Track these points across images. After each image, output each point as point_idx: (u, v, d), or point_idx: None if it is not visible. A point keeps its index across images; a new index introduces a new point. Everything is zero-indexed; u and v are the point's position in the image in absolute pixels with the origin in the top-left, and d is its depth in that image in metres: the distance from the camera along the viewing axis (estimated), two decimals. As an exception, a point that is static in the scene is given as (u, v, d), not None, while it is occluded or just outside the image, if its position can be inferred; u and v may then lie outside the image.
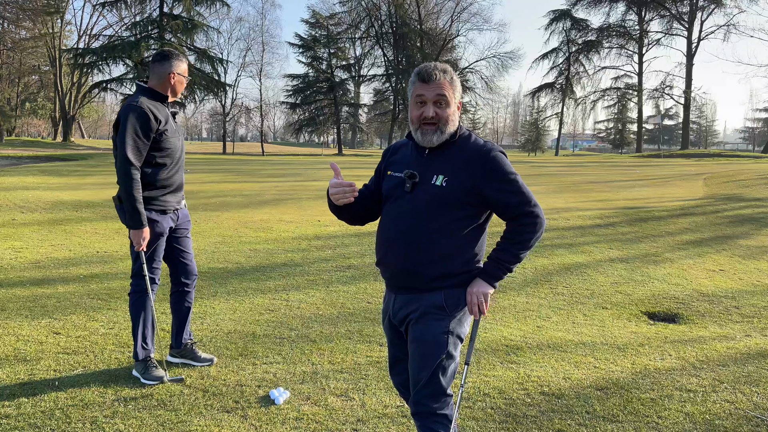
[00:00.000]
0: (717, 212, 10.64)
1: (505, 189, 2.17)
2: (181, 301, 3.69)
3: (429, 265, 2.18)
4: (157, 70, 3.44)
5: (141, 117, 3.28)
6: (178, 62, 3.46)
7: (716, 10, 50.87)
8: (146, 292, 3.49)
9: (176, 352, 3.76)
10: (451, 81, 2.18)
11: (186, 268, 3.68)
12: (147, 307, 3.51)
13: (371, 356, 3.98)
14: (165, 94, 3.47)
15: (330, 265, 6.69)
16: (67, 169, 18.36)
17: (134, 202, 3.27)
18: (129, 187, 3.25)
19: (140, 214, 3.29)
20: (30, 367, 3.65)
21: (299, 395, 3.36)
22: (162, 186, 3.44)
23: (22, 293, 5.29)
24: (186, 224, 3.68)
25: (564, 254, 7.42)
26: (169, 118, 3.46)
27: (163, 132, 3.38)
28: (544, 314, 5.15)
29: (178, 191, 3.56)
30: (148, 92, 3.44)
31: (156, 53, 3.52)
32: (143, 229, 3.31)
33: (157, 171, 3.41)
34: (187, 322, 3.76)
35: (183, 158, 3.61)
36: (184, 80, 3.50)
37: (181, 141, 3.57)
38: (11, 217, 9.28)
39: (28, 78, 55.98)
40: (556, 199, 12.43)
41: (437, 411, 2.20)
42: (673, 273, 6.70)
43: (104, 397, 3.26)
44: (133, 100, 3.34)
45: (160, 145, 3.38)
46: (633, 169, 24.43)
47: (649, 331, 4.78)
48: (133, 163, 3.26)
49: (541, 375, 3.73)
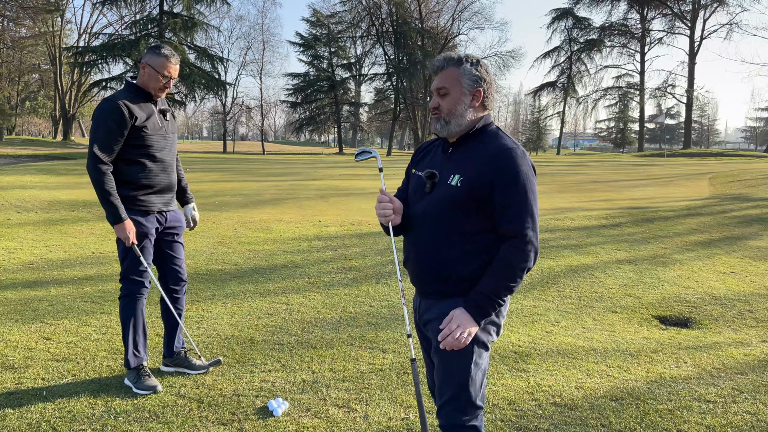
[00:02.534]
0: (724, 212, 10.47)
1: (510, 192, 1.94)
2: (170, 308, 3.52)
3: (444, 269, 2.04)
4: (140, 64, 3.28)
5: (112, 112, 3.11)
6: (154, 55, 3.23)
7: (719, 9, 50.65)
8: (136, 295, 3.33)
9: (169, 360, 3.60)
10: (460, 69, 2.03)
11: (175, 273, 3.51)
12: (138, 311, 3.35)
13: (374, 364, 3.82)
14: (146, 90, 3.28)
15: (331, 267, 6.53)
16: (65, 168, 18.19)
17: (107, 197, 3.11)
18: (99, 182, 3.10)
19: (117, 207, 3.12)
20: (17, 376, 3.49)
21: (299, 406, 3.20)
22: (143, 186, 3.26)
23: (13, 296, 5.13)
24: (177, 228, 3.50)
25: (570, 255, 7.25)
26: (153, 115, 3.28)
27: (141, 128, 3.19)
28: (553, 318, 4.99)
29: (164, 192, 3.38)
30: (131, 87, 3.27)
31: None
32: (124, 221, 3.14)
33: (137, 170, 3.23)
34: (178, 330, 3.59)
35: (172, 158, 3.42)
36: (157, 76, 3.23)
37: (169, 140, 3.38)
38: (6, 217, 9.12)
39: (28, 76, 55.79)
40: (560, 199, 12.26)
41: (466, 423, 2.08)
42: (682, 275, 6.53)
43: (94, 408, 3.10)
44: (110, 96, 3.20)
45: (138, 142, 3.20)
46: (636, 168, 24.25)
47: (661, 337, 4.62)
48: (100, 159, 3.10)
49: (552, 384, 3.56)
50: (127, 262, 3.28)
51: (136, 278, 3.31)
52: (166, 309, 3.55)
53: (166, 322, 3.58)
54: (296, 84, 54.28)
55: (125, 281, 3.33)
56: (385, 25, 50.01)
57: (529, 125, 70.08)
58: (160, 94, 3.31)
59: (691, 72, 51.81)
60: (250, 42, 68.77)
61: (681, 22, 52.87)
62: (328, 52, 53.50)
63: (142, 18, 41.57)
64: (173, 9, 41.47)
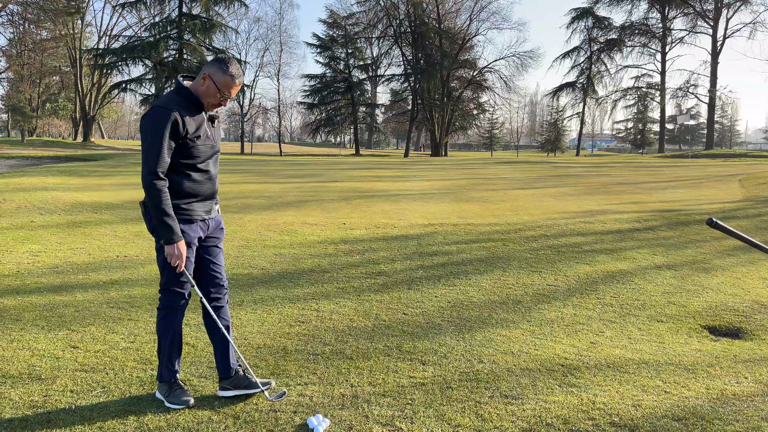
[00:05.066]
0: (761, 215, 10.12)
1: None
2: (215, 322, 3.28)
3: None
4: (201, 70, 3.06)
5: (168, 122, 2.88)
6: (219, 71, 2.99)
7: (742, 8, 49.77)
8: (176, 308, 3.15)
9: (227, 383, 3.28)
10: None
11: (214, 280, 3.30)
12: (176, 324, 3.17)
13: (414, 377, 3.62)
14: (200, 100, 3.05)
15: (359, 272, 6.34)
16: (87, 169, 18.25)
17: (163, 216, 2.90)
18: (157, 200, 2.88)
19: (172, 228, 2.92)
20: (45, 387, 3.34)
21: (340, 424, 3.01)
22: (187, 194, 3.05)
23: (39, 301, 5.01)
24: (217, 233, 3.31)
25: (606, 260, 6.99)
26: (202, 125, 3.06)
27: (191, 140, 2.99)
28: (596, 328, 4.75)
29: (208, 200, 3.19)
30: (185, 94, 3.03)
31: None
32: (178, 243, 2.95)
33: (182, 179, 3.02)
34: (229, 345, 3.30)
35: (216, 167, 3.21)
36: (216, 93, 3.00)
37: (216, 150, 3.18)
38: (30, 219, 9.07)
39: (49, 79, 56.47)
40: (589, 202, 11.97)
41: None
42: (726, 282, 6.25)
43: (125, 424, 2.94)
44: (161, 101, 2.95)
45: (186, 152, 2.99)
46: (660, 169, 23.79)
47: (714, 349, 4.36)
48: (158, 174, 2.88)
49: (606, 401, 3.33)
50: (167, 273, 3.09)
51: (177, 290, 3.13)
52: (211, 325, 3.29)
53: (214, 339, 3.31)
54: (313, 85, 54.34)
55: (165, 293, 3.15)
56: (402, 25, 49.83)
57: (547, 126, 69.39)
58: (212, 109, 3.12)
59: (713, 72, 50.96)
60: (268, 43, 68.85)
61: (703, 21, 52.04)
62: (345, 54, 53.45)
63: (162, 20, 41.88)
64: (192, 11, 41.68)
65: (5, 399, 3.18)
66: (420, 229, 8.73)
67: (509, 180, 18.33)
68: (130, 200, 11.38)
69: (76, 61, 50.29)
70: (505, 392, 3.41)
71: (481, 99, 57.75)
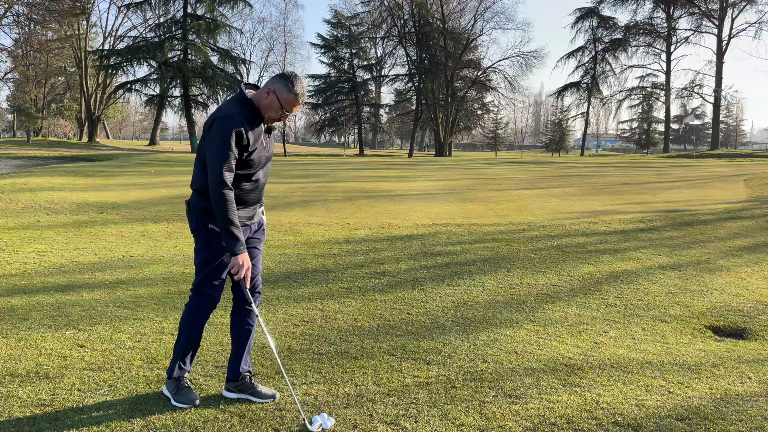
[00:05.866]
0: (766, 215, 10.09)
1: None
2: (242, 322, 3.29)
3: None
4: (266, 83, 3.06)
5: (235, 133, 2.91)
6: (285, 88, 2.99)
7: (747, 8, 49.58)
8: (204, 309, 3.17)
9: (233, 385, 3.31)
10: None
11: (250, 282, 3.30)
12: (199, 325, 3.20)
13: (419, 377, 3.64)
14: (261, 113, 3.06)
15: (364, 272, 6.37)
16: (92, 169, 18.34)
17: (229, 226, 2.90)
18: (224, 209, 2.89)
19: (238, 240, 2.92)
20: (53, 386, 3.37)
21: (345, 423, 3.03)
22: (238, 202, 3.08)
23: (46, 300, 5.05)
24: (259, 234, 3.32)
25: (610, 261, 7.00)
26: (260, 137, 3.08)
27: (250, 152, 3.01)
28: (600, 328, 4.76)
29: (251, 206, 3.20)
30: (248, 106, 3.03)
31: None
32: (241, 254, 2.95)
33: (236, 187, 3.05)
34: (246, 349, 3.33)
35: (266, 177, 3.24)
36: (279, 109, 3.01)
37: (268, 158, 3.20)
38: (36, 219, 9.13)
39: (54, 79, 56.71)
40: (593, 202, 11.96)
41: None
42: (731, 282, 6.25)
43: (132, 423, 2.96)
44: (227, 111, 2.95)
45: (243, 164, 3.02)
46: (665, 169, 23.74)
47: (718, 349, 4.37)
48: (227, 184, 2.90)
49: (609, 401, 3.35)
50: (202, 275, 3.12)
51: (208, 292, 3.15)
52: (236, 323, 3.31)
53: (235, 337, 3.33)
54: (317, 85, 54.40)
55: (196, 293, 3.17)
56: (407, 25, 49.86)
57: (551, 126, 69.30)
58: (271, 123, 3.13)
59: (718, 71, 50.81)
60: (272, 44, 69.03)
61: (709, 21, 51.88)
62: (349, 54, 53.53)
63: (166, 20, 42.02)
64: (196, 11, 41.81)
65: (13, 397, 3.22)
66: (424, 229, 8.74)
67: (513, 180, 18.32)
68: (136, 200, 11.44)
69: (81, 62, 50.50)
70: (509, 392, 3.42)
71: (486, 99, 57.80)
